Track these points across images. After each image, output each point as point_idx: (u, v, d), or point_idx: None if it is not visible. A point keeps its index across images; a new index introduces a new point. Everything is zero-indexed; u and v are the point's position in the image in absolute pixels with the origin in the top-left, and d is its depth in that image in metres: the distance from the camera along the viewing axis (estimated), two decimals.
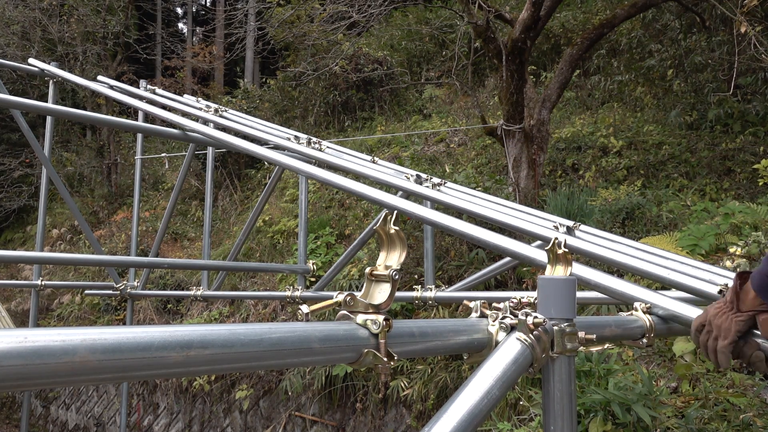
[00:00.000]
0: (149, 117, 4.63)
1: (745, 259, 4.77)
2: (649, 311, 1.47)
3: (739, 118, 8.15)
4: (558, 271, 1.11)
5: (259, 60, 20.47)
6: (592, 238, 2.33)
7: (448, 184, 2.77)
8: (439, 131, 10.55)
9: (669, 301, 1.49)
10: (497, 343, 0.99)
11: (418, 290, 3.34)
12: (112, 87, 4.09)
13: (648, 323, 1.42)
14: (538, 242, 2.19)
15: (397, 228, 0.98)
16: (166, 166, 13.86)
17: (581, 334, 1.06)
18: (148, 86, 4.32)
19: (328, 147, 2.91)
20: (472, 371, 0.91)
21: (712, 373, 4.01)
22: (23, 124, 4.30)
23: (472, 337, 1.01)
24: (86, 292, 5.86)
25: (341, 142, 10.16)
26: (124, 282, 4.97)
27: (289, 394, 7.40)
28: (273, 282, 8.88)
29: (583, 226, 2.56)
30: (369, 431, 6.76)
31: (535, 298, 1.06)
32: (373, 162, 3.06)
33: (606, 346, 1.22)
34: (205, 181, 4.50)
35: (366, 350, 0.84)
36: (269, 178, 3.90)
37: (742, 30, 5.69)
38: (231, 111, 3.38)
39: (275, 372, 7.68)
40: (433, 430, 0.79)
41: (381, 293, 0.91)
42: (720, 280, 1.77)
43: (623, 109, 9.83)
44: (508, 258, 3.09)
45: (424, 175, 2.76)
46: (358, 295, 0.90)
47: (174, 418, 9.09)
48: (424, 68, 13.27)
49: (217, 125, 3.05)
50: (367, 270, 0.94)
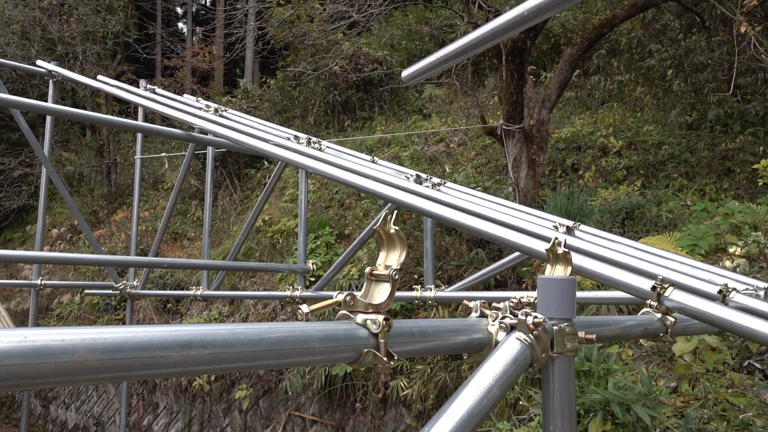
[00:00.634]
0: (149, 116, 4.62)
1: (744, 259, 4.77)
2: (660, 309, 1.47)
3: (738, 118, 8.15)
4: (558, 271, 1.11)
5: (259, 60, 20.47)
6: (591, 238, 2.33)
7: (448, 184, 2.77)
8: (439, 131, 10.55)
9: (680, 294, 1.48)
10: (497, 343, 0.99)
11: (417, 290, 3.34)
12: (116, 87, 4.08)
13: (670, 320, 1.42)
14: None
15: (397, 228, 0.98)
16: (166, 166, 13.86)
17: (581, 334, 1.06)
18: (148, 86, 4.31)
19: (327, 147, 2.90)
20: (472, 371, 0.91)
21: (712, 373, 4.01)
22: (23, 123, 4.30)
23: (471, 337, 1.01)
24: (86, 291, 5.85)
25: (341, 141, 10.17)
26: (124, 282, 4.96)
27: (289, 393, 7.40)
28: (273, 282, 8.88)
29: (583, 226, 2.56)
30: (369, 431, 6.76)
31: (535, 298, 1.06)
32: (373, 162, 3.05)
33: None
34: (205, 181, 4.50)
35: (366, 350, 0.84)
36: (269, 178, 3.89)
37: (742, 30, 5.69)
38: (231, 111, 3.37)
39: (275, 372, 7.68)
40: (432, 430, 0.79)
41: (381, 293, 0.91)
42: (720, 280, 1.77)
43: (623, 109, 9.83)
44: (508, 258, 3.09)
45: (423, 175, 2.75)
46: (358, 294, 0.90)
47: (174, 418, 9.09)
48: None
49: (217, 125, 3.05)
50: (367, 270, 0.94)
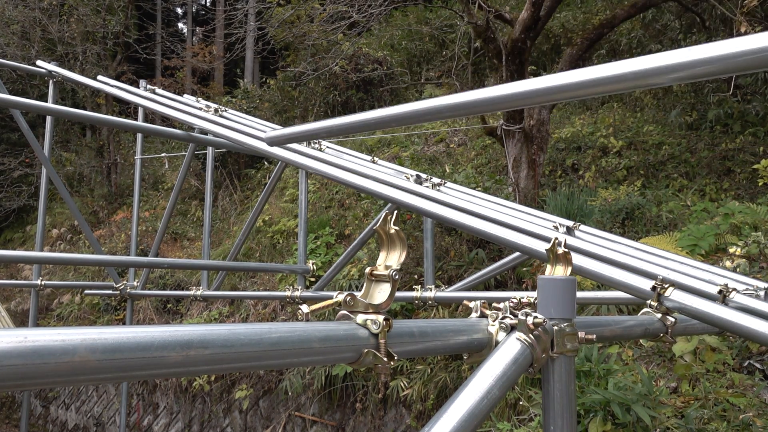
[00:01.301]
0: (149, 117, 4.62)
1: (744, 260, 4.77)
2: (660, 309, 1.47)
3: (738, 118, 8.15)
4: (558, 271, 1.11)
5: (259, 60, 20.47)
6: (591, 239, 2.33)
7: (448, 184, 2.77)
8: (439, 131, 10.55)
9: (680, 294, 1.49)
10: (497, 343, 0.99)
11: (418, 290, 3.34)
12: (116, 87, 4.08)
13: (670, 320, 1.42)
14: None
15: (397, 228, 0.98)
16: (166, 166, 13.86)
17: (581, 334, 1.06)
18: (148, 86, 4.31)
19: (327, 147, 2.91)
20: (472, 371, 0.91)
21: (712, 374, 4.01)
22: (23, 123, 4.30)
23: (472, 337, 1.01)
24: (86, 291, 5.86)
25: (341, 141, 10.16)
26: (124, 282, 4.97)
27: (289, 394, 7.40)
28: (273, 282, 8.88)
29: (583, 227, 2.56)
30: (369, 431, 6.76)
31: (535, 298, 1.06)
32: (373, 162, 3.06)
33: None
34: (205, 181, 4.50)
35: (366, 350, 0.84)
36: (269, 178, 3.89)
37: (742, 30, 5.69)
38: (231, 111, 3.37)
39: (275, 372, 7.68)
40: (433, 430, 0.79)
41: (381, 293, 0.91)
42: (720, 281, 1.78)
43: (623, 109, 9.83)
44: (509, 258, 3.09)
45: (423, 175, 2.75)
46: (358, 295, 0.90)
47: (174, 418, 9.09)
48: (424, 68, 13.27)
49: (217, 125, 3.06)
50: (367, 270, 0.94)
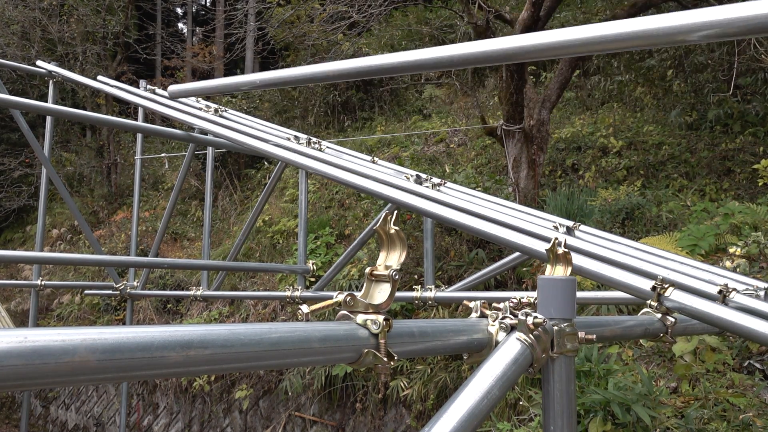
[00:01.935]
0: (149, 117, 4.62)
1: (744, 260, 4.77)
2: (660, 309, 1.47)
3: (738, 119, 8.15)
4: (558, 271, 1.11)
5: (259, 60, 20.46)
6: (591, 239, 2.33)
7: (448, 185, 2.77)
8: (439, 131, 10.55)
9: (680, 294, 1.49)
10: (497, 343, 0.99)
11: (418, 290, 3.34)
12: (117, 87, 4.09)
13: (670, 320, 1.42)
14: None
15: (397, 228, 0.98)
16: (166, 166, 13.85)
17: (581, 335, 1.06)
18: (148, 86, 4.31)
19: (328, 147, 2.91)
20: (472, 371, 0.91)
21: (712, 374, 4.01)
22: (23, 124, 4.30)
23: (472, 337, 1.01)
24: (86, 292, 5.86)
25: (341, 142, 10.17)
26: (124, 282, 4.96)
27: (289, 394, 7.40)
28: (273, 282, 8.88)
29: (583, 227, 2.56)
30: (369, 431, 6.76)
31: (535, 298, 1.06)
32: (373, 162, 3.06)
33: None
34: (205, 181, 4.50)
35: (366, 350, 0.84)
36: (269, 178, 3.89)
37: None
38: (231, 111, 3.37)
39: (275, 372, 7.68)
40: (433, 430, 0.79)
41: (381, 293, 0.91)
42: (720, 281, 1.77)
43: (623, 110, 9.83)
44: (509, 258, 3.09)
45: (423, 175, 2.75)
46: (358, 295, 0.90)
47: (174, 418, 9.09)
48: (425, 72, 13.25)
49: (217, 125, 3.06)
50: (367, 270, 0.94)
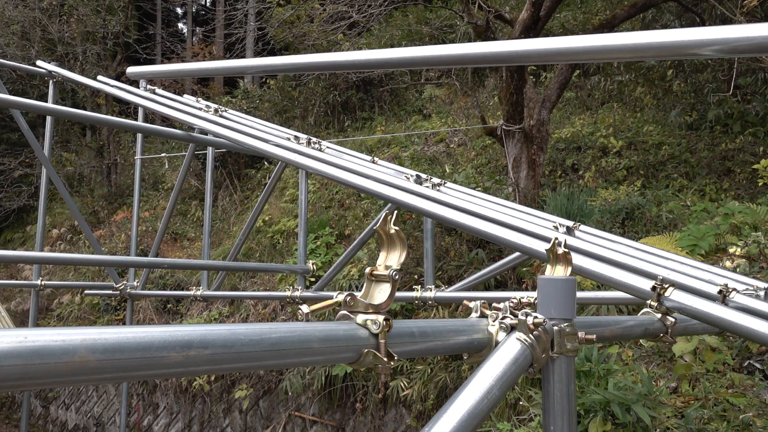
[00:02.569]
0: (149, 117, 4.62)
1: (745, 260, 4.77)
2: (660, 309, 1.47)
3: (738, 119, 8.15)
4: (558, 271, 1.11)
5: None
6: (591, 239, 2.33)
7: (448, 185, 2.77)
8: (439, 131, 10.55)
9: (680, 294, 1.49)
10: (497, 343, 0.99)
11: (418, 290, 3.34)
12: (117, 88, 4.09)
13: (670, 320, 1.42)
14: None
15: (397, 228, 0.98)
16: (166, 166, 13.86)
17: (581, 335, 1.06)
18: (148, 86, 4.31)
19: (328, 147, 2.90)
20: (472, 371, 0.91)
21: (712, 374, 4.01)
22: (23, 124, 4.30)
23: (472, 337, 1.01)
24: (86, 292, 5.85)
25: (341, 142, 10.16)
26: (124, 282, 4.96)
27: (289, 394, 7.40)
28: (273, 282, 8.88)
29: (583, 227, 2.56)
30: (369, 431, 6.76)
31: (535, 298, 1.06)
32: (373, 162, 3.05)
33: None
34: (205, 181, 4.50)
35: (366, 350, 0.84)
36: (269, 178, 3.89)
37: None
38: (231, 111, 3.37)
39: (275, 372, 7.68)
40: (433, 430, 0.79)
41: (381, 293, 0.91)
42: (720, 281, 1.77)
43: (623, 110, 9.83)
44: (509, 258, 3.09)
45: (423, 175, 2.75)
46: (358, 295, 0.90)
47: (174, 418, 9.09)
48: (424, 68, 13.27)
49: (217, 125, 3.06)
50: (367, 270, 0.94)
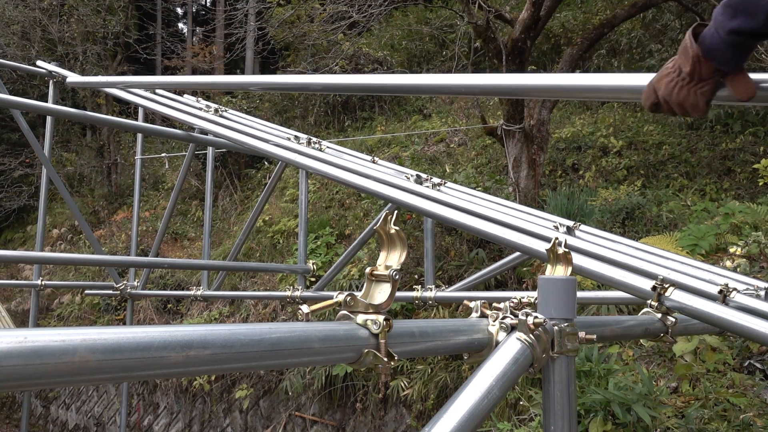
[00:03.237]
0: (149, 117, 4.61)
1: (745, 259, 4.77)
2: (660, 309, 1.47)
3: (739, 118, 8.15)
4: (558, 271, 1.11)
5: (259, 60, 20.46)
6: (592, 238, 2.33)
7: (448, 184, 2.76)
8: (439, 131, 10.55)
9: (680, 294, 1.49)
10: (497, 343, 0.99)
11: (418, 290, 3.34)
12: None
13: (670, 320, 1.42)
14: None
15: (397, 228, 0.98)
16: (166, 166, 13.85)
17: (582, 334, 1.06)
18: None
19: (328, 147, 2.90)
20: (473, 371, 0.91)
21: (713, 373, 4.01)
22: (23, 124, 4.30)
23: (472, 337, 1.01)
24: (86, 292, 5.86)
25: (341, 142, 10.16)
26: (124, 282, 4.96)
27: (289, 393, 7.40)
28: (273, 282, 8.88)
29: (583, 226, 2.56)
30: (369, 431, 6.76)
31: (536, 298, 1.06)
32: (373, 162, 3.05)
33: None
34: (205, 181, 4.50)
35: (366, 350, 0.84)
36: (269, 178, 3.89)
37: None
38: (231, 111, 3.37)
39: (275, 372, 7.68)
40: (433, 430, 0.79)
41: (381, 293, 0.91)
42: (720, 280, 1.77)
43: (623, 109, 9.83)
44: (509, 258, 3.09)
45: (424, 175, 2.75)
46: (359, 295, 0.90)
47: (174, 418, 9.09)
48: (424, 68, 13.27)
49: (218, 125, 3.06)
50: (368, 270, 0.94)
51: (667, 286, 1.53)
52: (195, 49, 18.31)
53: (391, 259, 0.96)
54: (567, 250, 1.11)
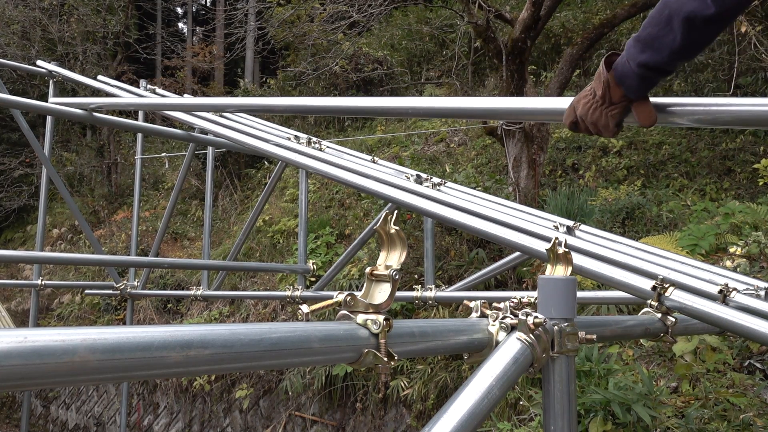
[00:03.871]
0: (149, 117, 4.62)
1: (745, 259, 4.77)
2: (660, 309, 1.47)
3: None
4: (558, 271, 1.11)
5: (259, 60, 20.46)
6: (592, 238, 2.33)
7: (448, 184, 2.76)
8: (439, 131, 10.55)
9: (680, 294, 1.49)
10: (497, 343, 0.99)
11: (418, 290, 3.34)
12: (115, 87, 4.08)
13: (670, 320, 1.42)
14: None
15: (397, 228, 0.98)
16: (166, 166, 13.86)
17: (582, 334, 1.06)
18: (149, 86, 4.31)
19: (328, 147, 2.90)
20: (473, 371, 0.91)
21: (713, 373, 4.01)
22: (23, 123, 4.30)
23: (472, 337, 1.01)
24: (86, 291, 5.86)
25: (341, 141, 10.17)
26: (124, 282, 4.96)
27: (289, 393, 7.40)
28: (273, 282, 8.88)
29: (583, 226, 2.56)
30: (369, 431, 6.76)
31: (536, 298, 1.06)
32: (374, 162, 3.05)
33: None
34: (205, 181, 4.50)
35: (366, 350, 0.84)
36: (269, 178, 3.89)
37: (743, 30, 5.70)
38: None
39: (275, 372, 7.68)
40: (433, 430, 0.79)
41: (381, 293, 0.91)
42: (720, 280, 1.77)
43: None
44: (509, 258, 3.09)
45: (424, 175, 2.75)
46: (359, 294, 0.90)
47: (174, 418, 9.10)
48: (424, 68, 13.27)
49: (218, 125, 3.06)
50: (368, 270, 0.94)
51: (667, 286, 1.53)
52: (195, 49, 18.31)
53: (391, 259, 0.96)
54: (567, 250, 1.11)
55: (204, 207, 4.47)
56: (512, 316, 1.01)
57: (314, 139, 2.88)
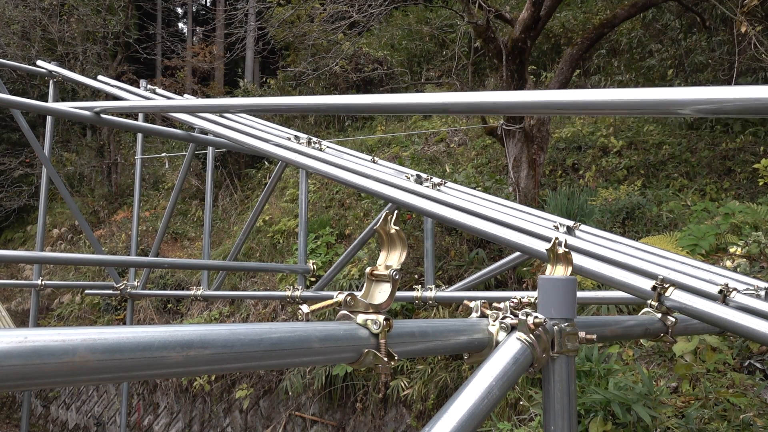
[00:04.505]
0: (149, 117, 4.62)
1: (745, 259, 4.77)
2: (661, 309, 1.47)
3: (739, 118, 8.15)
4: (558, 271, 1.11)
5: (259, 60, 20.46)
6: (592, 238, 2.33)
7: (448, 184, 2.76)
8: (439, 131, 10.55)
9: (680, 294, 1.49)
10: (497, 343, 0.99)
11: (418, 290, 3.34)
12: (115, 87, 4.08)
13: (670, 320, 1.42)
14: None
15: (397, 228, 0.98)
16: (167, 166, 13.86)
17: (582, 334, 1.06)
18: (149, 86, 4.31)
19: (328, 147, 2.90)
20: (473, 371, 0.91)
21: (713, 373, 4.01)
22: (23, 123, 4.30)
23: (472, 337, 1.01)
24: (86, 291, 5.86)
25: (341, 141, 10.17)
26: (124, 282, 4.96)
27: (289, 393, 7.40)
28: (273, 282, 8.88)
29: (584, 226, 2.56)
30: (369, 431, 6.76)
31: (536, 298, 1.06)
32: (373, 162, 3.05)
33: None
34: (205, 181, 4.50)
35: (366, 350, 0.84)
36: (269, 178, 3.89)
37: (743, 30, 5.70)
38: None
39: (275, 372, 7.68)
40: (433, 430, 0.79)
41: (381, 293, 0.91)
42: (720, 280, 1.77)
43: None
44: (509, 258, 3.09)
45: (424, 175, 2.75)
46: (359, 295, 0.90)
47: (174, 418, 9.10)
48: (425, 68, 13.27)
49: (218, 125, 3.06)
50: (368, 270, 0.94)
51: (667, 286, 1.53)
52: (195, 49, 18.31)
53: (391, 259, 0.96)
54: (567, 250, 1.11)
55: (204, 207, 4.47)
56: (512, 316, 1.01)
57: (314, 139, 2.88)
